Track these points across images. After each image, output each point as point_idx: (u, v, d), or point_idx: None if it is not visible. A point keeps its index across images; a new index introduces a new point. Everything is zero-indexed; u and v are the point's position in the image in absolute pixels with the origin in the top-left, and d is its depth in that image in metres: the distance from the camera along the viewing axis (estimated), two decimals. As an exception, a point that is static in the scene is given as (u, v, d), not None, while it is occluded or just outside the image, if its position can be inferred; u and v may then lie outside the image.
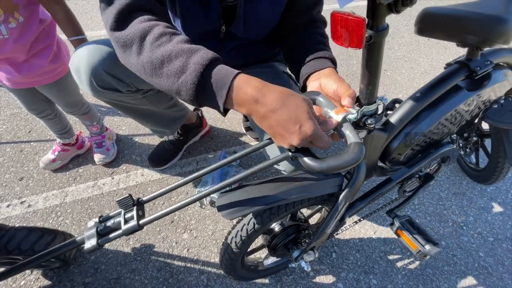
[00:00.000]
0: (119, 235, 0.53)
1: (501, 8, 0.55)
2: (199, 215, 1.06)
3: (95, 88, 0.75)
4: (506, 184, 1.21)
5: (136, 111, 0.93)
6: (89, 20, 2.27)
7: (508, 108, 0.80)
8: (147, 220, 0.52)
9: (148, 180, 1.17)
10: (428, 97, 0.61)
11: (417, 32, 0.63)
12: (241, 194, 0.56)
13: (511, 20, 0.53)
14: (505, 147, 0.93)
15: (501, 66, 0.71)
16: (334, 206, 0.61)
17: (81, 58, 0.72)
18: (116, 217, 0.55)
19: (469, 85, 0.64)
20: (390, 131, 0.61)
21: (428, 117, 0.62)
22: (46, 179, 1.16)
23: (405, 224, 0.76)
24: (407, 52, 2.03)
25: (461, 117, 0.70)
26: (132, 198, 0.55)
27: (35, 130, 1.36)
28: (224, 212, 0.55)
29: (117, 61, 0.73)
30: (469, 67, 0.61)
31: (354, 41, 0.39)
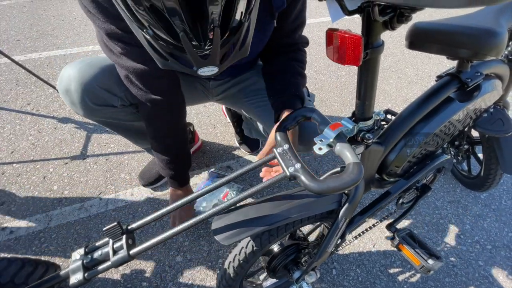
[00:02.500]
0: (107, 267, 0.49)
1: (491, 22, 0.56)
2: (193, 235, 1.02)
3: (88, 107, 0.72)
4: (498, 191, 1.22)
5: (129, 129, 0.91)
6: (76, 36, 2.25)
7: (498, 116, 0.82)
8: (138, 250, 0.49)
9: (138, 200, 1.12)
10: (422, 110, 0.61)
11: (408, 46, 0.63)
12: (238, 216, 0.53)
13: (502, 33, 0.54)
14: (497, 155, 0.94)
15: (490, 76, 0.73)
16: (334, 223, 0.59)
17: (71, 78, 0.70)
18: (103, 247, 0.51)
19: (460, 97, 0.65)
20: (387, 144, 0.61)
21: (423, 129, 0.62)
22: (29, 202, 1.10)
23: (406, 239, 0.74)
24: (393, 63, 2.09)
25: (454, 128, 0.71)
26: (121, 226, 0.51)
27: (18, 151, 1.30)
28: (220, 236, 0.52)
29: (109, 75, 0.72)
30: (460, 79, 0.62)
31: (351, 59, 0.38)
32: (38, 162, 1.25)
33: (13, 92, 1.64)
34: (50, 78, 1.76)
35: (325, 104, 1.69)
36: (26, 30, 2.32)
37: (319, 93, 1.77)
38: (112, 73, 0.73)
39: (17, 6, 2.75)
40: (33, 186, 1.16)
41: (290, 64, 0.77)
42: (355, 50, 0.36)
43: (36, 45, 2.11)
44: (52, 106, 1.55)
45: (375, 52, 0.40)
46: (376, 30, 0.38)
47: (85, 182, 1.18)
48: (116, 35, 0.59)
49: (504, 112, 0.85)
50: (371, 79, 0.44)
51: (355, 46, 0.36)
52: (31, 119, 1.47)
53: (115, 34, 0.59)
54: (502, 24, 0.56)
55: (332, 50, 0.40)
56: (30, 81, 1.72)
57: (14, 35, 2.24)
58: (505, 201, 1.19)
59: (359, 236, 0.82)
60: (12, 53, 1.99)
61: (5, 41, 2.15)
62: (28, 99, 1.59)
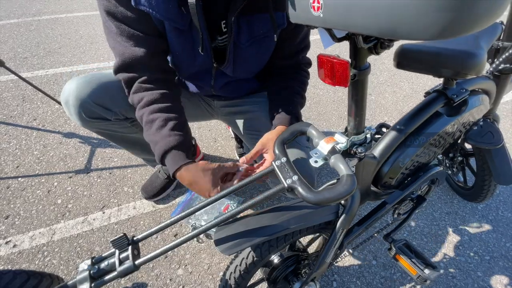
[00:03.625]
0: (114, 277, 0.51)
1: (471, 44, 0.61)
2: (194, 248, 1.03)
3: (83, 119, 0.78)
4: (495, 201, 1.24)
5: (127, 140, 0.94)
6: (82, 54, 2.33)
7: (488, 129, 0.86)
8: (143, 260, 0.51)
9: (141, 213, 1.14)
10: (412, 124, 0.64)
11: (396, 66, 0.68)
12: (239, 227, 0.55)
13: (481, 54, 0.58)
14: (489, 166, 0.97)
15: (476, 92, 0.77)
16: (332, 234, 0.61)
17: (70, 92, 0.76)
18: (110, 258, 0.53)
19: (448, 111, 0.68)
20: (380, 157, 0.64)
21: (414, 142, 0.66)
22: (33, 216, 1.12)
23: (402, 249, 0.76)
24: (389, 77, 2.15)
25: (444, 141, 0.74)
26: (127, 237, 0.53)
27: (23, 165, 1.33)
28: (222, 247, 0.54)
29: (105, 92, 0.78)
30: (446, 95, 0.66)
31: (340, 81, 0.42)
32: (43, 176, 1.28)
33: (19, 108, 1.69)
34: (56, 94, 1.82)
35: (323, 117, 1.73)
36: (33, 48, 2.40)
37: (317, 107, 1.82)
38: (108, 89, 0.78)
39: (24, 24, 2.86)
40: (37, 200, 1.18)
41: (292, 84, 0.81)
42: (343, 73, 0.41)
43: (43, 63, 2.19)
44: (58, 122, 1.59)
45: (363, 74, 0.45)
46: (362, 55, 0.43)
47: (88, 195, 1.20)
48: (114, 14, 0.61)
49: (493, 125, 0.89)
50: (360, 97, 0.48)
51: (343, 70, 0.40)
52: (36, 134, 1.51)
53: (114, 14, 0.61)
54: (481, 46, 0.60)
55: (323, 72, 0.44)
56: (37, 97, 1.77)
57: (22, 53, 2.32)
58: (502, 211, 1.20)
59: (357, 247, 0.83)
60: (19, 70, 2.06)
61: (12, 59, 2.23)
62: (34, 115, 1.64)
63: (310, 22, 0.39)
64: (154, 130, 0.66)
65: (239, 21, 0.66)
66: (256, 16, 0.66)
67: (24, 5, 3.42)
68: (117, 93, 0.76)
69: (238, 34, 0.68)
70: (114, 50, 0.65)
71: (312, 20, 0.38)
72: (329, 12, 0.36)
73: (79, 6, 3.39)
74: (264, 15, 0.66)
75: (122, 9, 0.60)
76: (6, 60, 2.12)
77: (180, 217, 0.54)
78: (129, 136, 0.92)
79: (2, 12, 3.15)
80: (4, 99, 1.76)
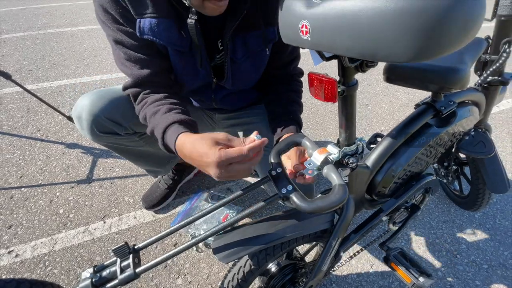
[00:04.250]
0: (115, 285, 0.52)
1: (456, 60, 0.64)
2: (193, 258, 1.04)
3: (95, 133, 0.80)
4: (492, 210, 1.25)
5: (132, 153, 0.97)
6: (85, 67, 2.39)
7: (479, 139, 0.88)
8: (144, 268, 0.52)
9: (141, 222, 1.16)
10: (403, 135, 0.67)
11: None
12: (236, 236, 0.57)
13: (464, 69, 0.61)
14: (483, 175, 0.99)
15: (465, 103, 0.80)
16: (328, 242, 0.63)
17: (83, 107, 0.78)
18: (111, 266, 0.55)
19: (437, 123, 0.71)
20: (373, 166, 0.66)
21: (405, 153, 0.68)
22: (36, 226, 1.13)
23: (397, 257, 0.77)
24: (385, 88, 2.19)
25: (435, 151, 0.76)
26: (128, 246, 0.55)
27: (27, 176, 1.36)
28: (220, 255, 0.55)
29: (116, 108, 0.81)
30: (435, 107, 0.69)
31: (329, 97, 0.45)
32: (46, 186, 1.30)
33: (24, 119, 1.73)
34: (60, 105, 1.86)
35: (321, 127, 1.76)
36: (39, 60, 2.47)
37: (315, 117, 1.85)
38: (119, 105, 0.81)
39: (30, 38, 2.94)
40: (39, 210, 1.20)
41: (287, 94, 0.84)
42: (331, 90, 0.44)
43: (47, 75, 2.24)
44: (61, 132, 1.63)
45: (350, 90, 0.48)
46: (349, 73, 0.46)
47: (90, 205, 1.22)
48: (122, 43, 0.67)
49: (485, 135, 0.91)
50: (349, 111, 0.51)
51: (331, 88, 0.44)
52: (40, 145, 1.54)
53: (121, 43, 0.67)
54: (466, 61, 0.64)
55: (314, 89, 0.47)
56: (41, 108, 1.81)
57: (27, 65, 2.38)
58: (499, 220, 1.21)
59: (354, 256, 0.85)
60: (24, 82, 2.11)
61: (18, 71, 2.29)
62: (38, 126, 1.68)
63: (299, 44, 0.43)
64: (158, 118, 0.65)
65: (234, 39, 0.71)
66: (250, 34, 0.71)
67: (30, 19, 3.52)
68: (128, 109, 0.79)
69: (234, 51, 0.73)
70: (123, 72, 0.72)
71: (301, 42, 0.42)
72: (316, 36, 0.39)
73: (84, 20, 3.50)
74: (257, 32, 0.71)
75: (128, 38, 0.66)
76: (12, 72, 2.17)
77: (180, 226, 0.56)
78: (135, 149, 0.95)
79: (8, 26, 3.25)
80: (9, 110, 1.81)
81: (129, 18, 0.64)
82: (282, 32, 0.46)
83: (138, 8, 0.62)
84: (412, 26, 0.31)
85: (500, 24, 0.74)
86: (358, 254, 0.84)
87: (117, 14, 0.63)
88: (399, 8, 0.31)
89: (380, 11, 0.32)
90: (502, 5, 0.70)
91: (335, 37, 0.37)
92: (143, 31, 0.64)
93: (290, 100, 0.83)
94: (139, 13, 0.62)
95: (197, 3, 0.58)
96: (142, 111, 0.70)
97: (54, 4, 4.24)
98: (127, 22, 0.64)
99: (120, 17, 0.63)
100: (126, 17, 0.64)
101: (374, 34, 0.33)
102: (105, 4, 0.62)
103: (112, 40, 0.68)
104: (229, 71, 0.76)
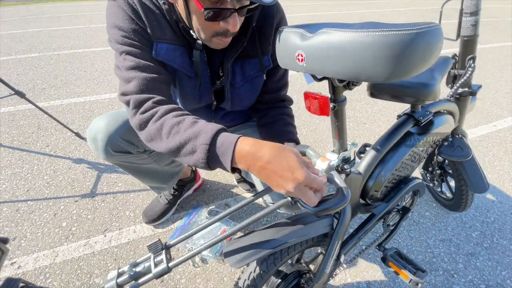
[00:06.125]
0: (149, 278, 0.55)
1: (427, 76, 0.74)
2: (190, 273, 1.06)
3: (109, 153, 0.84)
4: (490, 229, 1.25)
5: (140, 170, 1.01)
6: (95, 86, 2.51)
7: (457, 144, 0.98)
8: (176, 263, 0.55)
9: (140, 237, 1.19)
10: (388, 143, 0.74)
11: (369, 95, 0.80)
12: (246, 242, 0.61)
13: (434, 84, 0.71)
14: (463, 177, 1.06)
15: (441, 112, 0.89)
16: (329, 245, 0.68)
17: (99, 129, 0.83)
18: (145, 262, 0.57)
19: (418, 131, 0.79)
20: (364, 172, 0.72)
21: (392, 159, 0.75)
22: (39, 238, 1.17)
23: (394, 256, 0.84)
24: (382, 107, 2.25)
25: (419, 156, 0.83)
26: (161, 243, 0.58)
27: (33, 189, 1.41)
28: (231, 260, 0.59)
29: (130, 128, 0.86)
30: (414, 117, 0.77)
31: (323, 111, 0.54)
32: (51, 200, 1.35)
33: (34, 135, 1.81)
34: (69, 122, 1.95)
35: (319, 145, 1.81)
36: (51, 79, 2.61)
37: (313, 135, 1.90)
38: None
39: (45, 58, 3.12)
40: (43, 223, 1.24)
41: (280, 117, 0.90)
42: (324, 106, 0.53)
43: (59, 93, 2.36)
44: (69, 148, 1.70)
45: (340, 105, 0.57)
46: (339, 91, 0.56)
47: (92, 219, 1.26)
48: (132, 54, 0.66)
49: (462, 140, 1.00)
50: (340, 123, 0.60)
51: (324, 104, 0.52)
52: (48, 160, 1.60)
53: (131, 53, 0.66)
54: (435, 77, 0.74)
55: (310, 106, 0.56)
56: (51, 125, 1.90)
57: (40, 84, 2.52)
58: (496, 239, 1.21)
59: (354, 259, 0.88)
60: (37, 100, 2.22)
61: (31, 89, 2.41)
62: (47, 142, 1.75)
63: (296, 69, 0.53)
64: (187, 126, 0.56)
65: (234, 66, 0.79)
66: (247, 61, 0.79)
67: (46, 40, 3.74)
68: None
69: (234, 76, 0.80)
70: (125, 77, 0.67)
71: (297, 68, 0.52)
72: (310, 62, 0.49)
73: (96, 42, 3.70)
74: (254, 59, 0.79)
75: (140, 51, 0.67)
76: (26, 90, 2.30)
77: (179, 240, 0.59)
78: (143, 166, 1.00)
79: (25, 47, 3.45)
80: (21, 126, 1.90)
81: (146, 38, 0.67)
82: (280, 59, 0.55)
83: (157, 33, 0.68)
84: (386, 55, 0.40)
85: (464, 43, 0.86)
86: (358, 256, 0.87)
87: (133, 32, 0.65)
88: (375, 41, 0.40)
89: (362, 44, 0.41)
90: (464, 27, 0.83)
91: (326, 63, 0.46)
92: (159, 53, 0.69)
93: (284, 122, 0.89)
94: (157, 37, 0.68)
95: (206, 38, 0.66)
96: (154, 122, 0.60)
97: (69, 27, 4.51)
98: (142, 40, 0.66)
99: (135, 35, 0.66)
100: (142, 36, 0.67)
101: (358, 61, 0.42)
102: (122, 23, 0.64)
103: (120, 51, 0.66)
104: (229, 93, 0.83)
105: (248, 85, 0.84)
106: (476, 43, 0.86)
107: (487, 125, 2.05)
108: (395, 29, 0.39)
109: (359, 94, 2.48)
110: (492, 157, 1.70)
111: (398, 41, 0.39)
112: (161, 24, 0.68)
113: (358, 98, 2.42)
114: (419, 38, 0.39)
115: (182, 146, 0.55)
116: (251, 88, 0.85)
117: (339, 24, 0.48)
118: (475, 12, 0.80)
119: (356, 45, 0.41)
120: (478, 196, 1.41)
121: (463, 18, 0.83)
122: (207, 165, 0.54)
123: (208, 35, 0.65)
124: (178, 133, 0.56)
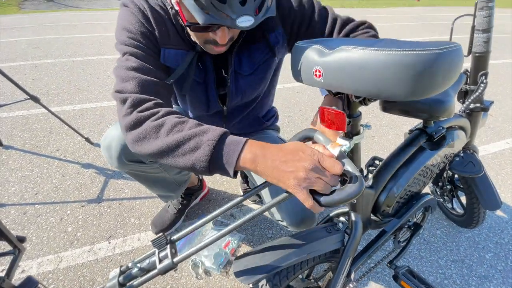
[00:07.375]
0: (155, 274, 0.53)
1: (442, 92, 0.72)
2: (193, 285, 1.04)
3: (122, 162, 0.84)
4: (504, 250, 1.20)
5: (150, 179, 1.01)
6: (107, 92, 2.56)
7: (468, 159, 0.96)
8: (181, 258, 0.52)
9: (144, 245, 1.18)
10: (401, 157, 0.73)
11: (381, 109, 0.79)
12: (256, 258, 0.60)
13: (449, 101, 0.70)
14: (475, 193, 1.03)
15: (453, 128, 0.87)
16: (340, 262, 0.66)
17: (114, 138, 0.82)
18: (150, 257, 0.55)
19: (430, 146, 0.78)
20: (376, 187, 0.71)
21: (404, 174, 0.73)
22: (44, 242, 1.17)
23: (406, 275, 0.82)
24: (391, 120, 2.23)
25: (431, 171, 0.82)
26: (165, 237, 0.55)
27: (42, 193, 1.42)
28: (241, 277, 0.58)
29: None
30: (427, 133, 0.76)
31: (339, 127, 0.53)
32: (58, 204, 1.36)
33: (45, 139, 1.85)
34: (80, 127, 1.98)
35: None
36: (65, 85, 2.67)
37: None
38: None
39: (59, 64, 3.21)
40: (49, 227, 1.24)
41: None
42: (341, 121, 0.52)
43: (72, 99, 2.42)
44: (78, 153, 1.72)
45: (355, 120, 0.59)
46: (354, 107, 0.57)
47: (97, 225, 1.26)
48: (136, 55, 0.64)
49: (474, 156, 0.98)
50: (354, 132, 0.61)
51: (341, 119, 0.52)
52: (57, 164, 1.63)
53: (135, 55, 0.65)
54: (450, 94, 0.73)
55: (326, 120, 0.55)
56: (63, 130, 1.94)
57: (54, 89, 2.58)
58: (511, 261, 1.16)
59: (364, 275, 0.86)
60: (50, 105, 2.28)
61: (45, 94, 2.48)
62: (58, 146, 1.78)
63: (313, 84, 0.53)
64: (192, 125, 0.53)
65: (240, 56, 0.76)
66: (254, 47, 0.76)
67: (61, 47, 3.87)
68: None
69: (240, 66, 0.77)
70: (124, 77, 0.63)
71: (315, 83, 0.53)
72: (328, 78, 0.49)
73: (109, 50, 3.81)
74: (260, 43, 0.75)
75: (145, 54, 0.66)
76: (40, 95, 2.36)
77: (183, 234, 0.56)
78: (153, 175, 0.99)
79: (41, 53, 3.57)
80: (33, 130, 1.94)
81: (153, 43, 0.67)
82: (298, 74, 0.56)
83: (164, 38, 0.69)
84: (408, 74, 0.41)
85: (476, 60, 0.86)
86: (368, 273, 0.85)
87: (141, 35, 0.65)
88: (397, 60, 0.41)
89: (383, 63, 0.41)
90: (476, 44, 0.84)
91: (345, 80, 0.46)
92: (168, 59, 0.70)
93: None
94: (165, 43, 0.69)
95: (200, 44, 0.68)
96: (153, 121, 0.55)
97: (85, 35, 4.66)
98: (148, 44, 0.66)
99: (142, 38, 0.65)
100: (150, 40, 0.66)
101: (378, 80, 0.43)
102: (131, 26, 0.65)
103: (123, 52, 0.65)
104: (233, 84, 0.80)
105: (258, 73, 0.80)
106: (488, 59, 0.86)
107: (499, 142, 2.00)
108: (417, 49, 0.40)
109: (368, 107, 2.46)
110: (505, 175, 1.65)
111: (420, 61, 0.40)
112: (169, 29, 0.69)
113: (367, 110, 2.41)
114: (441, 58, 0.40)
115: (183, 143, 0.51)
116: (260, 77, 0.82)
117: (358, 41, 0.48)
118: (487, 29, 0.80)
119: (378, 64, 0.42)
120: (492, 216, 1.37)
121: (475, 35, 0.83)
122: (207, 164, 0.49)
123: (200, 42, 0.67)
124: (181, 131, 0.52)
